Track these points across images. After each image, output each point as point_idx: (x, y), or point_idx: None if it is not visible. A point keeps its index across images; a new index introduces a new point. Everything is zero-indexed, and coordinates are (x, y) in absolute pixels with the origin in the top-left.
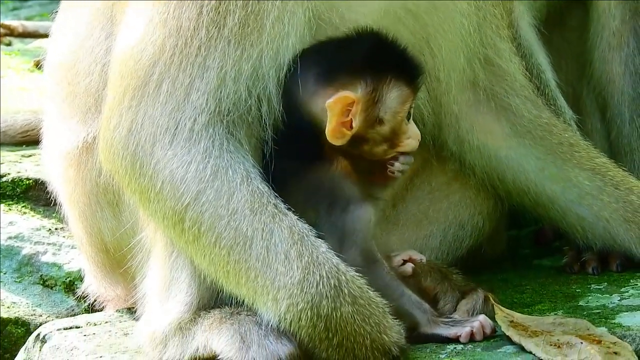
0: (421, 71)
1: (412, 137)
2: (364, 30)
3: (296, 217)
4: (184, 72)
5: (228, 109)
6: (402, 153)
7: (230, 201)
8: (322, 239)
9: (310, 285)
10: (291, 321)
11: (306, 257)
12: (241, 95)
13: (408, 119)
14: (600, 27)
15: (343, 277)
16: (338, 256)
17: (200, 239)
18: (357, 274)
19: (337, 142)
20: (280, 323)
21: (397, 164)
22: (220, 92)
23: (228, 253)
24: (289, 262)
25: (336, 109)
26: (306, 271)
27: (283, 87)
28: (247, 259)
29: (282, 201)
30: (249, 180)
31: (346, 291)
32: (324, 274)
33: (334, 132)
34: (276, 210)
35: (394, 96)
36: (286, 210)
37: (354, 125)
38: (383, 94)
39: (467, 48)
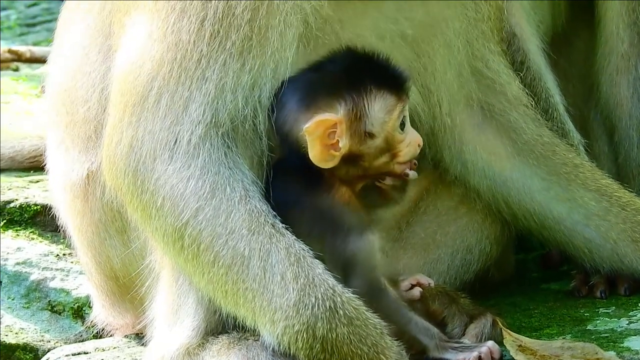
0: (404, 77)
1: (411, 144)
2: (339, 50)
3: (294, 237)
4: (182, 85)
5: (224, 120)
6: (405, 162)
7: (228, 220)
8: (323, 263)
9: (306, 307)
10: (288, 343)
11: (302, 279)
12: (238, 105)
13: (402, 127)
14: (608, 50)
15: (339, 299)
16: (335, 277)
17: (199, 258)
18: (354, 295)
19: (326, 165)
20: (279, 344)
21: (410, 173)
22: (217, 103)
23: (226, 273)
24: (285, 283)
25: (316, 133)
26: (302, 293)
27: (275, 119)
28: (244, 280)
29: (280, 220)
30: (247, 198)
31: (341, 312)
32: (320, 296)
33: (319, 156)
34: (273, 231)
35: (378, 107)
36: (284, 230)
37: (341, 145)
38: (366, 107)
39: (456, 62)
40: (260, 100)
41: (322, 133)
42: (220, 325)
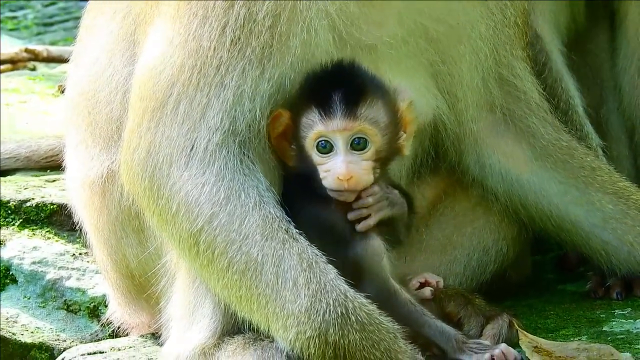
0: (343, 102)
1: (329, 173)
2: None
3: (307, 243)
4: (201, 91)
5: (241, 128)
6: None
7: (242, 225)
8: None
9: (317, 313)
10: (301, 348)
11: (314, 285)
12: (256, 114)
13: (322, 151)
14: (630, 51)
15: (350, 304)
16: (348, 282)
17: (213, 263)
18: (367, 300)
19: (288, 162)
20: (292, 350)
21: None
22: (235, 111)
23: (240, 278)
24: (297, 289)
25: (272, 125)
26: (313, 299)
27: None
28: (258, 285)
29: (294, 226)
30: (262, 204)
31: (353, 318)
32: (331, 302)
33: (278, 149)
34: (287, 236)
35: (303, 120)
36: (298, 236)
37: (293, 145)
38: (300, 116)
39: (482, 68)
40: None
41: (273, 125)
42: (236, 326)
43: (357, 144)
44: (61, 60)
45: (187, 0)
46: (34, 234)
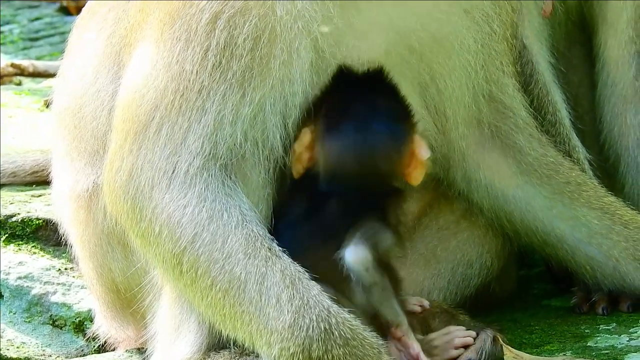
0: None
1: None
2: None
3: (290, 260)
4: (183, 115)
5: (222, 152)
6: None
7: (224, 245)
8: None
9: (301, 329)
10: None
11: (297, 301)
12: (237, 138)
13: None
14: (611, 81)
15: (334, 320)
16: (332, 299)
17: (197, 282)
18: (351, 316)
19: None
20: None
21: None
22: (216, 136)
23: (223, 297)
24: (280, 306)
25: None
26: (296, 315)
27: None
28: (241, 303)
29: (277, 244)
30: (244, 223)
31: (337, 334)
32: (314, 318)
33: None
34: (269, 254)
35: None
36: (280, 253)
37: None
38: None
39: (472, 85)
40: (263, 135)
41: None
42: (222, 341)
43: None
44: (47, 75)
45: (171, 24)
46: (19, 249)
